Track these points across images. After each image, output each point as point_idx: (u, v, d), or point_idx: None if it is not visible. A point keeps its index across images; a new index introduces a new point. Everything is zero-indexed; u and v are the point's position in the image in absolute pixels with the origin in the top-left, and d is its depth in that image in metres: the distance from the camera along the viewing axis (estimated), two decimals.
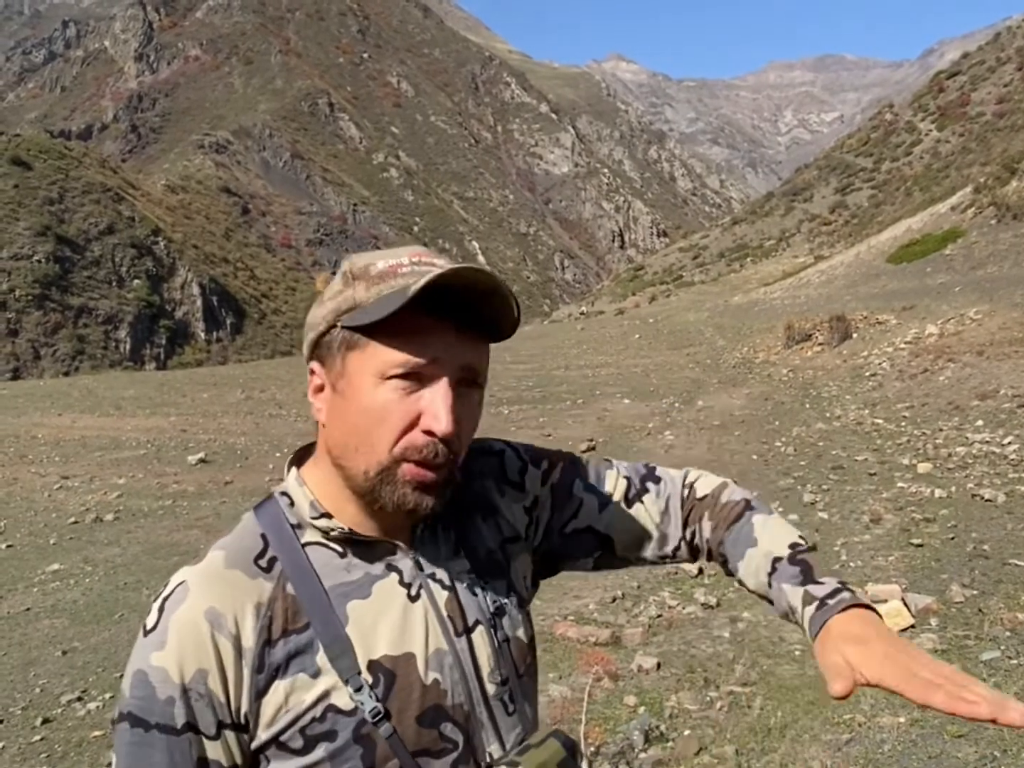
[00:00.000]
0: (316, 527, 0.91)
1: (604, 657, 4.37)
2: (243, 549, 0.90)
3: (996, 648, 4.04)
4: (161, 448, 15.28)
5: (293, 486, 0.95)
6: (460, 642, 0.93)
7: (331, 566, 0.90)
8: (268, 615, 0.86)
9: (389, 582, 0.91)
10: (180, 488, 12.22)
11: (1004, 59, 54.81)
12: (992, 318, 13.97)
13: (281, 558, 0.89)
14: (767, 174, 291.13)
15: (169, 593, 0.87)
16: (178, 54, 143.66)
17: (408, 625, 0.90)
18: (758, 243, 52.56)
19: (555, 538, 1.08)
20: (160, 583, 3.99)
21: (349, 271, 0.90)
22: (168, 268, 67.40)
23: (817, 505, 7.90)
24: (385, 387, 0.86)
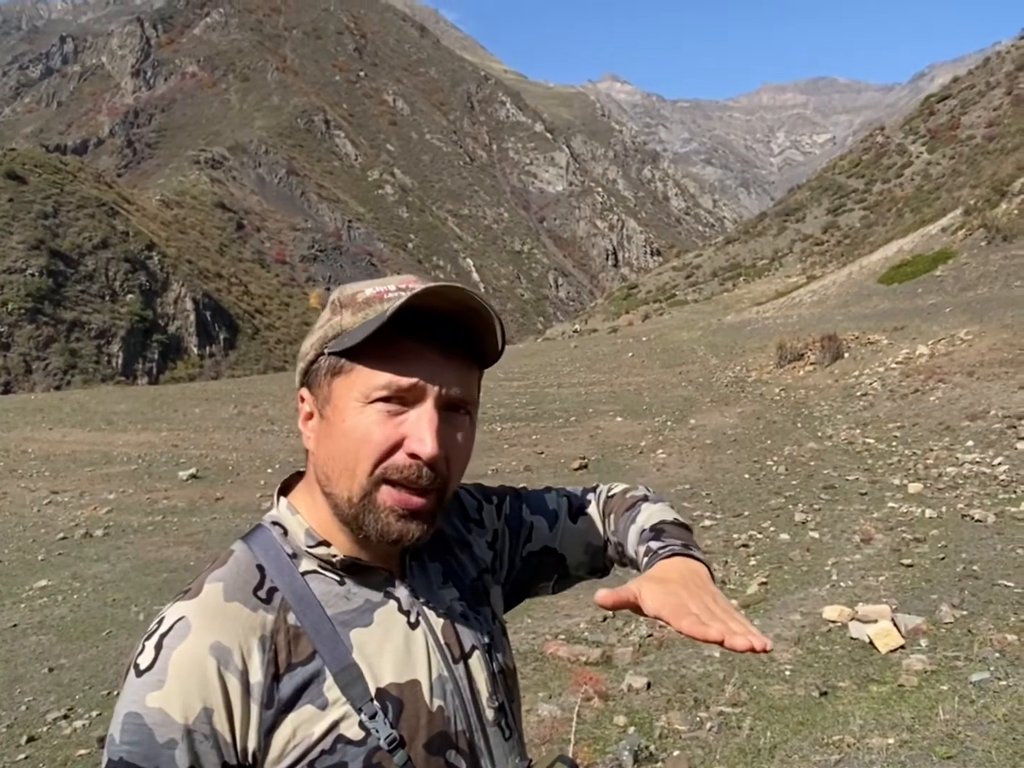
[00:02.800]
0: (314, 555, 0.91)
1: (594, 676, 4.36)
2: (241, 581, 0.87)
3: (985, 669, 4.04)
4: (152, 463, 15.21)
5: (286, 515, 0.94)
6: (458, 668, 0.94)
7: (332, 595, 0.89)
8: (273, 648, 0.84)
9: (389, 609, 0.92)
10: (170, 504, 12.16)
11: (994, 83, 55.50)
12: (982, 339, 14.06)
13: (281, 588, 0.87)
14: (760, 194, 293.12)
15: (167, 630, 0.82)
16: (175, 70, 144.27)
17: (411, 652, 0.91)
18: (751, 263, 52.86)
19: (517, 565, 1.11)
20: (149, 600, 4.03)
21: (337, 300, 0.91)
22: (162, 283, 67.32)
23: (808, 524, 7.90)
24: (369, 410, 0.86)
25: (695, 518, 8.93)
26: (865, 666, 4.44)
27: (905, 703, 3.85)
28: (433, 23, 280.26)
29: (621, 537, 1.07)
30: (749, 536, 7.85)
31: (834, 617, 5.16)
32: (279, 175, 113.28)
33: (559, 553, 1.12)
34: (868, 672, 4.35)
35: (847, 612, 5.17)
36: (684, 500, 9.88)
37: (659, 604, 0.81)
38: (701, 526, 8.59)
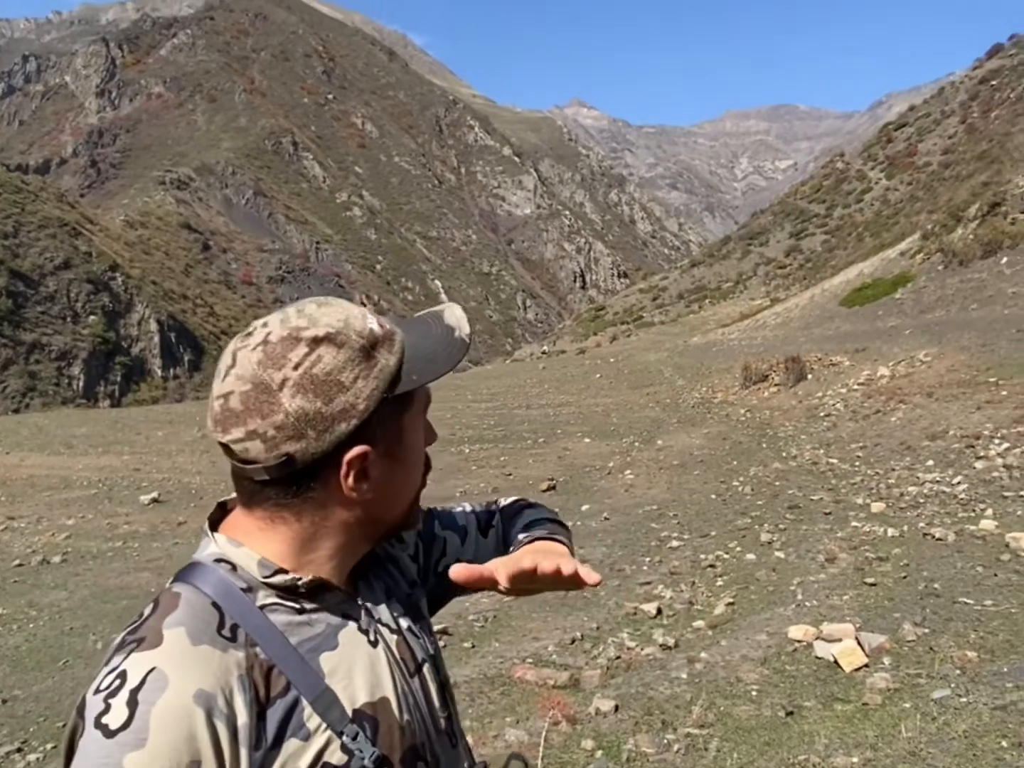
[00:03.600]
0: (272, 585, 0.88)
1: (561, 700, 4.33)
2: (201, 622, 0.83)
3: (947, 686, 4.09)
4: (113, 488, 14.92)
5: (230, 549, 0.90)
6: (414, 682, 0.96)
7: (293, 624, 0.88)
8: (252, 685, 0.82)
9: (350, 630, 0.92)
10: (131, 529, 11.92)
11: (948, 112, 57.20)
12: (941, 360, 14.37)
13: (242, 624, 0.85)
14: (724, 218, 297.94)
15: (139, 684, 0.76)
16: (141, 91, 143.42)
17: (377, 670, 0.92)
18: (716, 285, 53.60)
19: (431, 579, 1.15)
20: (108, 628, 3.93)
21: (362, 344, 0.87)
22: (125, 304, 66.48)
23: (774, 544, 7.97)
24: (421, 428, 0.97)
25: (662, 539, 8.96)
26: (830, 685, 4.47)
27: (869, 721, 3.88)
28: (402, 47, 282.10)
29: (508, 543, 1.17)
30: (716, 556, 7.89)
31: (799, 637, 5.19)
32: (246, 196, 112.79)
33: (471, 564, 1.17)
34: (833, 691, 4.38)
35: (812, 631, 5.21)
36: (652, 521, 9.91)
37: (496, 567, 0.91)
38: (668, 547, 8.62)
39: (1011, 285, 17.57)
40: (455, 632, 6.55)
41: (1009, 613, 5.04)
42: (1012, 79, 52.37)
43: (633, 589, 7.31)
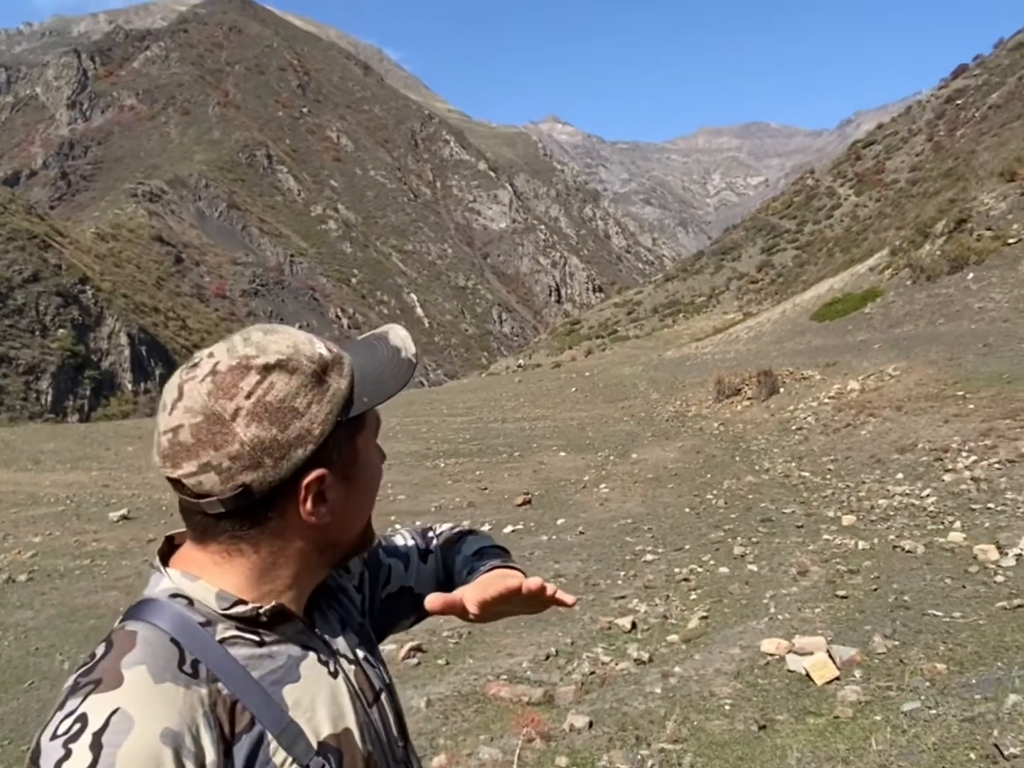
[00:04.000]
0: (231, 616, 0.87)
1: (535, 717, 4.32)
2: (162, 660, 0.80)
3: (916, 699, 4.13)
4: (81, 504, 14.67)
5: (185, 583, 0.88)
6: (373, 712, 0.96)
7: (255, 657, 0.87)
8: (217, 721, 0.80)
9: (311, 661, 0.91)
10: (100, 546, 11.72)
11: (915, 130, 58.42)
12: (909, 374, 14.58)
13: (203, 660, 0.83)
14: (697, 233, 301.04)
15: (102, 726, 0.74)
16: (113, 103, 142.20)
17: (339, 702, 0.91)
18: (689, 299, 54.09)
19: (377, 607, 1.15)
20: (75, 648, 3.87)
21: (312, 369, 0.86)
22: (95, 317, 65.61)
23: (747, 557, 8.02)
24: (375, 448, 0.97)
25: (637, 553, 8.98)
26: (802, 698, 4.50)
27: (840, 735, 3.91)
28: (377, 62, 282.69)
29: (451, 570, 1.18)
30: (690, 570, 7.92)
31: (772, 650, 5.22)
32: (219, 209, 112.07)
33: (416, 592, 1.18)
34: (805, 704, 4.41)
35: (784, 645, 5.24)
36: (626, 534, 9.93)
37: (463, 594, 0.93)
38: (643, 561, 8.64)
39: (977, 300, 17.91)
40: (429, 649, 6.51)
41: (977, 625, 5.11)
42: (976, 98, 53.60)
43: (608, 603, 7.32)
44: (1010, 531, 6.92)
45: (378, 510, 1.02)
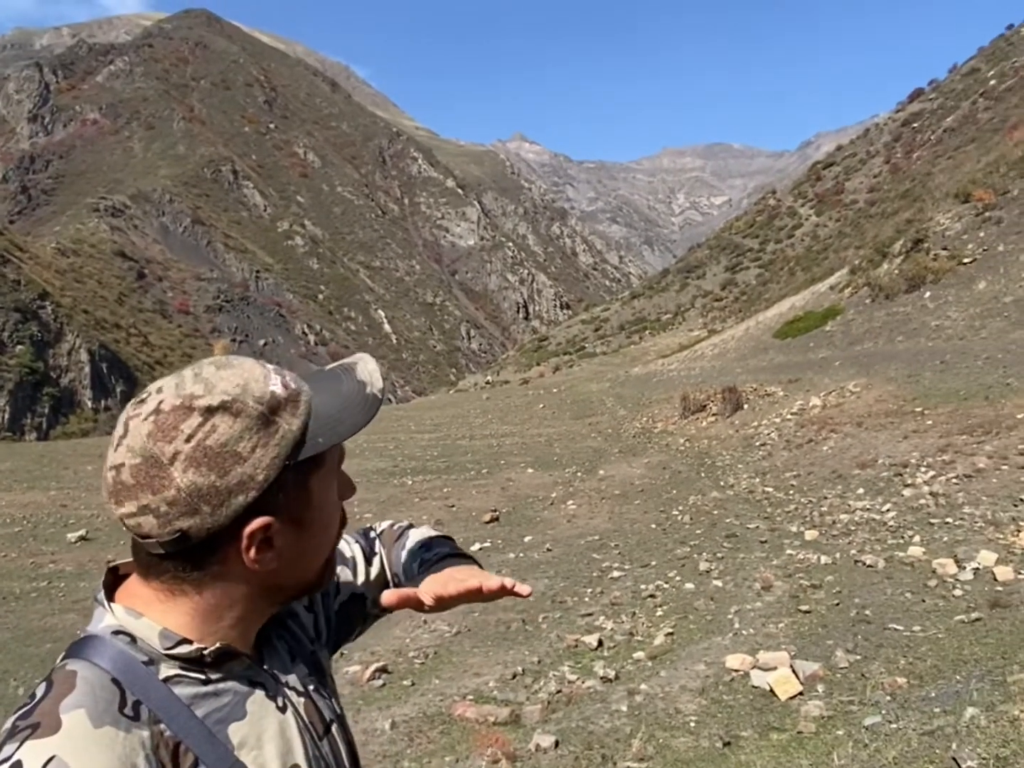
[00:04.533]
0: (175, 656, 0.84)
1: (500, 738, 4.29)
2: (103, 702, 0.78)
3: (878, 713, 4.18)
4: (38, 525, 14.32)
5: (129, 621, 0.85)
6: (324, 745, 0.94)
7: (199, 695, 0.85)
8: (159, 764, 0.78)
9: (258, 698, 0.90)
10: (57, 568, 11.45)
11: (873, 152, 59.83)
12: (869, 391, 14.85)
13: (144, 700, 0.80)
14: (663, 252, 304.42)
15: None
16: (75, 117, 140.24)
17: (287, 737, 0.90)
18: (656, 317, 54.60)
19: (332, 620, 1.12)
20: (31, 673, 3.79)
21: (260, 411, 0.83)
22: (55, 333, 64.31)
23: (712, 573, 8.07)
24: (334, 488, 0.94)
25: (604, 570, 9.00)
26: (766, 714, 4.53)
27: (803, 750, 3.94)
28: (344, 79, 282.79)
29: (396, 566, 1.16)
30: (656, 586, 7.95)
31: (736, 666, 5.26)
32: (184, 224, 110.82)
33: (363, 595, 1.16)
34: (769, 720, 4.44)
35: (749, 660, 5.28)
36: (594, 551, 9.95)
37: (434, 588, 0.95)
38: (610, 578, 8.66)
39: (934, 318, 18.32)
40: (394, 670, 6.44)
41: (936, 639, 5.19)
42: (932, 121, 55.08)
43: (575, 621, 7.31)
44: (968, 545, 7.05)
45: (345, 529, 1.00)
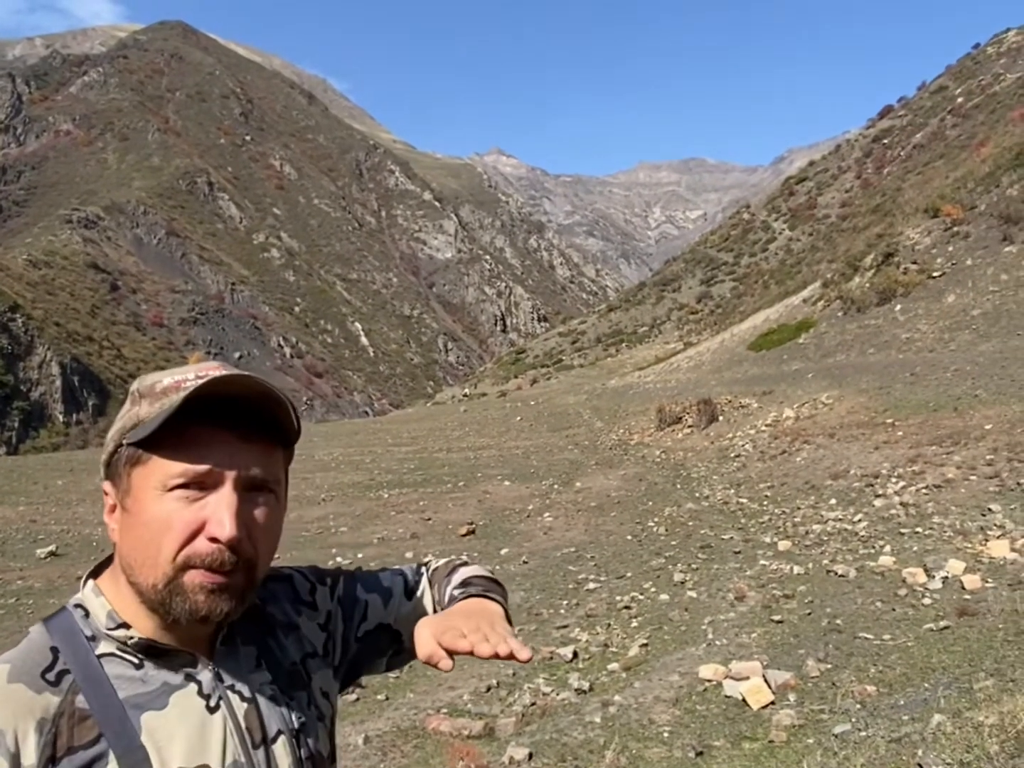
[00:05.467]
0: (113, 637, 0.90)
1: (472, 751, 4.27)
2: (30, 663, 0.86)
3: (847, 721, 4.23)
4: (6, 541, 14.08)
5: (90, 597, 0.93)
6: (258, 754, 0.93)
7: (125, 677, 0.89)
8: (52, 731, 0.83)
9: (187, 693, 0.91)
10: (26, 584, 11.26)
11: (845, 168, 60.77)
12: (841, 403, 15.03)
13: (73, 670, 0.86)
14: (639, 265, 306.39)
15: None
16: (48, 128, 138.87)
17: (205, 736, 0.90)
18: (632, 329, 54.91)
19: (352, 645, 1.12)
20: None
21: (136, 391, 0.92)
22: (25, 346, 63.39)
23: (687, 584, 8.12)
24: (168, 498, 0.87)
25: (580, 581, 9.01)
26: (738, 723, 4.56)
27: (775, 759, 3.97)
28: (321, 91, 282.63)
29: (441, 604, 1.11)
30: (631, 598, 7.98)
31: (709, 676, 5.28)
32: (158, 236, 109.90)
33: (394, 629, 1.13)
34: (741, 729, 4.46)
35: (722, 670, 5.31)
36: (569, 563, 9.96)
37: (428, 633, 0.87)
38: (586, 589, 8.67)
39: (904, 331, 18.61)
40: (368, 684, 6.40)
41: (906, 647, 5.25)
42: (902, 138, 56.11)
43: (550, 633, 7.31)
44: (937, 554, 7.15)
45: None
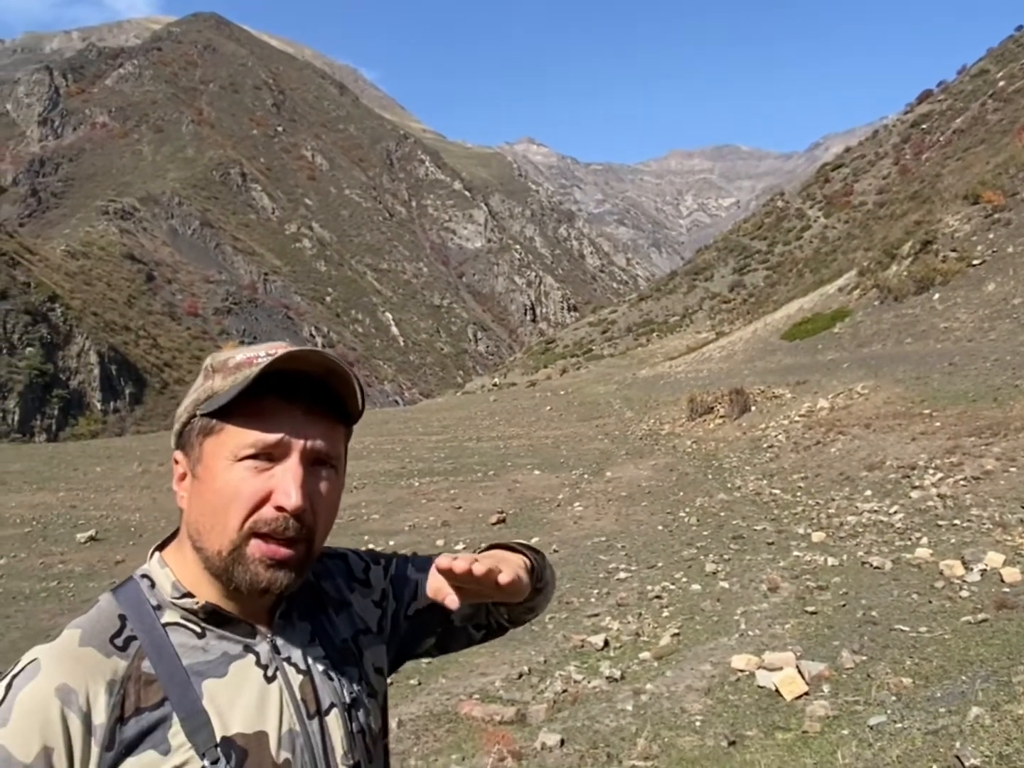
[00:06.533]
0: (177, 606, 0.94)
1: (506, 736, 4.31)
2: (99, 628, 0.90)
3: (883, 713, 4.19)
4: (48, 525, 14.42)
5: (155, 568, 0.98)
6: (312, 724, 0.96)
7: (188, 646, 0.92)
8: (121, 693, 0.87)
9: (246, 663, 0.94)
10: (66, 568, 11.53)
11: (882, 154, 59.63)
12: (877, 393, 14.81)
13: (139, 637, 0.91)
14: (670, 254, 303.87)
15: (19, 671, 0.86)
16: (85, 120, 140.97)
17: (263, 705, 0.93)
18: (663, 319, 54.53)
19: (403, 624, 1.15)
20: None
21: (210, 366, 0.96)
22: (64, 336, 64.64)
23: (719, 574, 8.07)
24: (237, 467, 0.91)
25: (610, 571, 9.01)
26: (771, 714, 4.53)
27: (808, 749, 3.95)
28: (352, 81, 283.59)
29: None
30: (662, 587, 7.96)
31: (742, 666, 5.26)
32: (192, 227, 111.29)
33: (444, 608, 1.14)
34: (774, 720, 4.44)
35: (755, 661, 5.28)
36: (600, 552, 9.96)
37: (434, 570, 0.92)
38: (616, 579, 8.66)
39: (943, 320, 18.26)
40: (401, 669, 6.46)
41: (943, 639, 5.18)
42: (941, 123, 54.89)
43: (581, 621, 7.33)
44: (975, 547, 7.03)
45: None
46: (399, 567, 1.17)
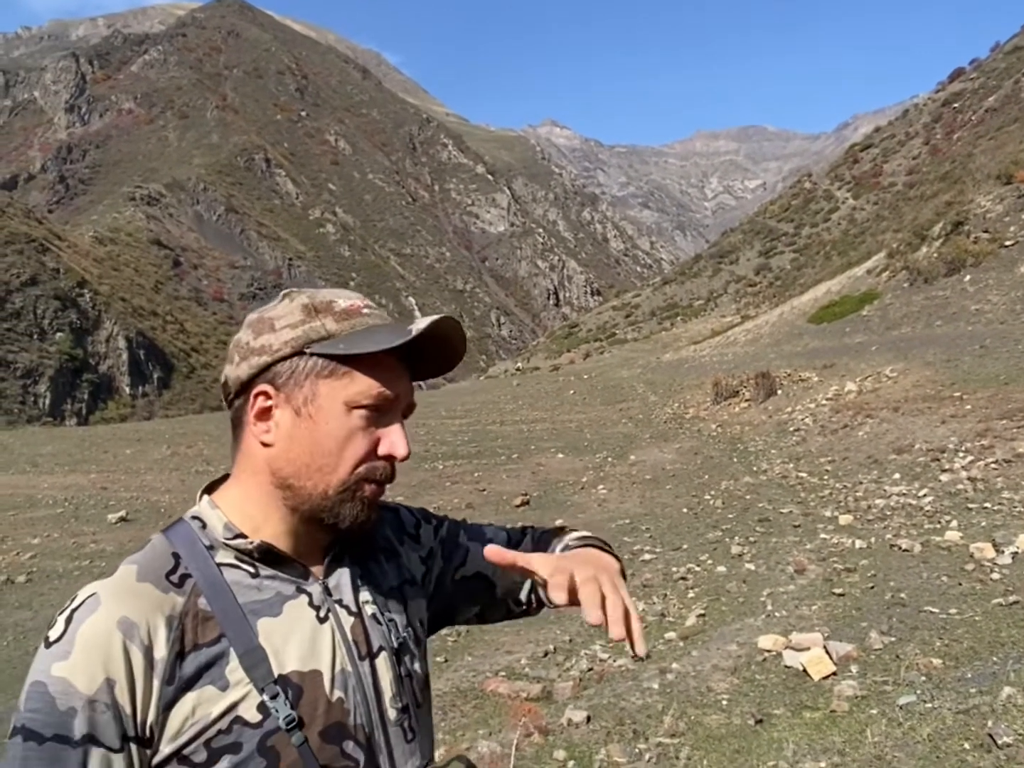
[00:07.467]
0: (230, 546, 0.95)
1: (533, 710, 4.34)
2: (155, 565, 0.92)
3: (912, 693, 4.16)
4: (79, 506, 14.67)
5: (206, 509, 0.98)
6: (363, 666, 0.97)
7: (243, 585, 0.93)
8: (180, 628, 0.88)
9: (299, 603, 0.95)
10: (98, 548, 11.73)
11: (912, 134, 58.59)
12: (906, 376, 14.63)
13: (194, 575, 0.92)
14: (695, 237, 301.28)
15: (78, 604, 0.87)
16: (111, 107, 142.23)
17: (316, 644, 0.94)
18: (687, 303, 54.17)
19: (448, 586, 1.16)
20: None
21: (311, 305, 0.96)
22: (93, 321, 65.56)
23: (744, 557, 8.05)
24: (354, 415, 0.94)
25: (635, 552, 9.01)
26: (799, 693, 4.52)
27: (836, 728, 3.93)
28: (375, 65, 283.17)
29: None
30: (687, 569, 7.95)
31: (769, 646, 5.25)
32: (218, 213, 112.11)
33: (491, 580, 1.16)
34: (802, 699, 4.43)
35: (781, 641, 5.26)
36: (624, 535, 9.96)
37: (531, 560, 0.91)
38: (641, 560, 8.66)
39: (974, 302, 17.96)
40: (428, 647, 6.53)
41: (973, 621, 5.13)
42: (973, 102, 53.76)
43: None
44: (1006, 529, 6.94)
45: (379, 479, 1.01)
46: (450, 529, 1.19)
